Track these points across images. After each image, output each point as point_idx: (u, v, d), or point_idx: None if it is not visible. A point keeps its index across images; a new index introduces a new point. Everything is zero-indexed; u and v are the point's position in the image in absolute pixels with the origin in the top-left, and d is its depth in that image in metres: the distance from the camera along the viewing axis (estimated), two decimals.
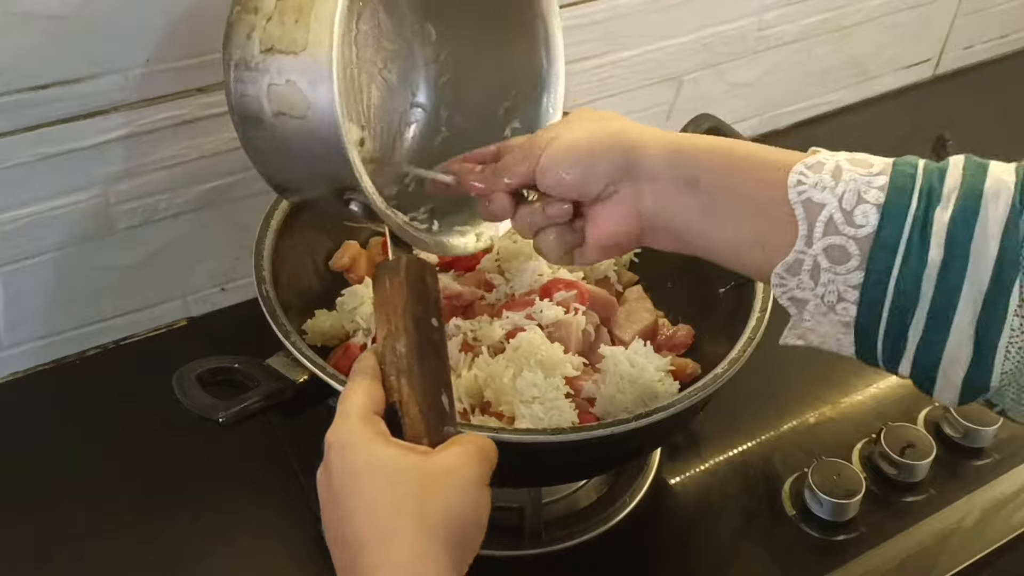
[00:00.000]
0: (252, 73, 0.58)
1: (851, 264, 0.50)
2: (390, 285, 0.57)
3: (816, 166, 0.51)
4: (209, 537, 0.77)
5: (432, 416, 0.54)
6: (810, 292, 0.52)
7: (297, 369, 0.63)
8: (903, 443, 0.82)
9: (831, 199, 0.50)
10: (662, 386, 0.73)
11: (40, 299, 0.86)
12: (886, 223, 0.48)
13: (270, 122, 0.58)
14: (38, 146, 0.78)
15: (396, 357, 0.55)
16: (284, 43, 0.56)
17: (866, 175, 0.50)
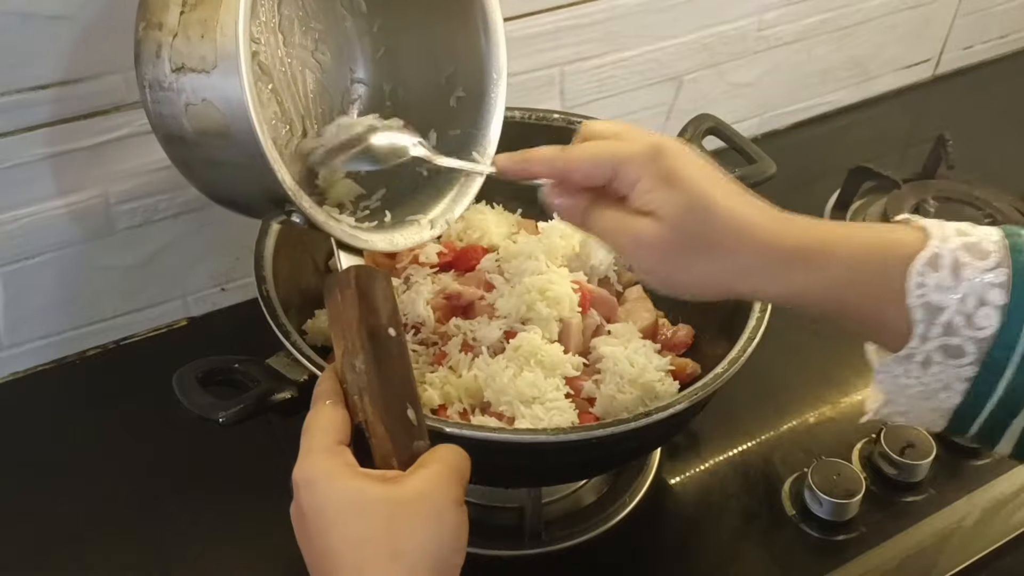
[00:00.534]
0: (167, 93, 0.56)
1: (965, 360, 0.49)
2: (341, 299, 0.55)
3: (933, 262, 0.49)
4: (209, 537, 0.77)
5: (399, 433, 0.53)
6: (915, 380, 0.51)
7: (297, 369, 0.63)
8: (903, 443, 0.82)
9: (951, 302, 0.49)
10: (662, 386, 0.73)
11: (40, 299, 0.86)
12: (1007, 325, 0.48)
13: (193, 140, 0.56)
14: (38, 146, 0.78)
15: (356, 375, 0.54)
16: (194, 61, 0.54)
17: (985, 271, 0.49)
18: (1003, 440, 0.52)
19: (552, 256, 0.82)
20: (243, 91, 0.52)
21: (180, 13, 0.54)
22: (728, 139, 0.89)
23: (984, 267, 0.49)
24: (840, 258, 0.52)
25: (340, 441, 0.52)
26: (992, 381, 0.49)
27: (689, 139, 0.86)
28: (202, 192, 0.63)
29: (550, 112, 0.88)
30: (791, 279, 0.52)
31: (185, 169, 0.60)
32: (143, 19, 0.57)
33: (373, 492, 0.50)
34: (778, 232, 0.52)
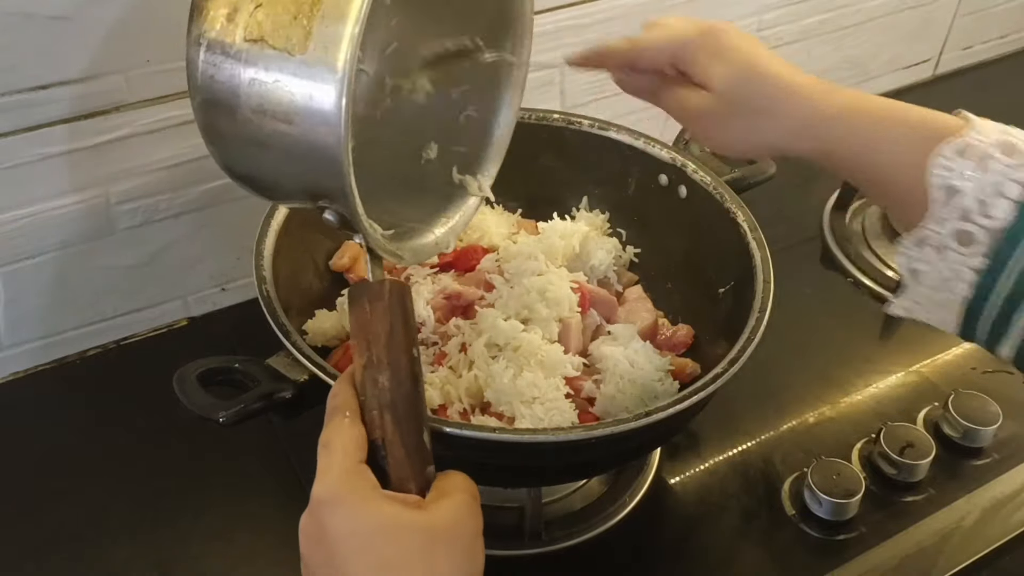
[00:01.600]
0: (230, 61, 0.51)
1: (975, 249, 0.50)
2: (371, 310, 0.54)
3: (962, 149, 0.51)
4: (209, 537, 0.77)
5: (418, 457, 0.52)
6: (930, 267, 0.52)
7: (297, 369, 0.63)
8: (902, 443, 0.82)
9: (969, 187, 0.50)
10: (662, 386, 0.73)
11: (40, 299, 0.86)
12: (1020, 221, 0.49)
13: (244, 116, 0.52)
14: (38, 146, 0.78)
15: (378, 390, 0.52)
16: (277, 39, 0.49)
17: (1009, 167, 0.50)
18: (1006, 341, 0.52)
19: (552, 256, 0.82)
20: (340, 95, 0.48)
21: None
22: None
23: (1010, 163, 0.50)
24: (878, 120, 0.55)
25: (362, 460, 0.51)
26: (997, 274, 0.50)
27: (689, 139, 0.86)
28: (219, 162, 0.58)
29: (550, 112, 0.88)
30: (829, 135, 0.57)
31: (213, 136, 0.55)
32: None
33: (408, 518, 0.48)
34: (823, 92, 0.58)
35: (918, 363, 0.94)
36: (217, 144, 0.56)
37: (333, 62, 0.48)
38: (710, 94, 0.61)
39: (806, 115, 0.58)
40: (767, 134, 0.60)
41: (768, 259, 0.74)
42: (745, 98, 0.60)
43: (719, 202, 0.79)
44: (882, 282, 1.02)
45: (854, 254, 1.06)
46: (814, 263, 1.07)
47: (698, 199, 0.81)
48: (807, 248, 1.09)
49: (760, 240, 0.75)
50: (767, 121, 0.59)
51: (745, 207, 0.78)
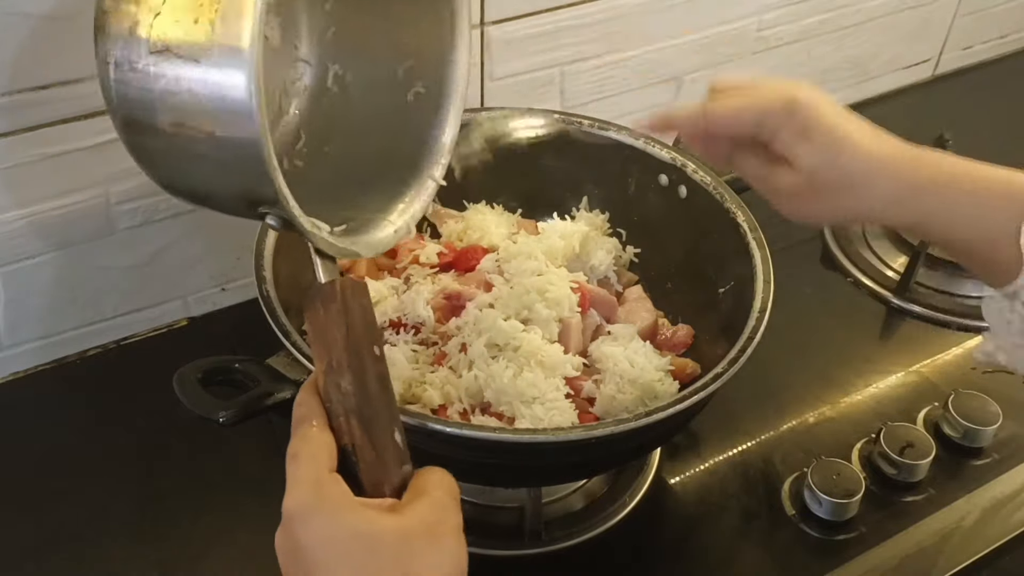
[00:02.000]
0: (139, 76, 0.49)
1: None
2: (325, 313, 0.52)
3: None
4: (209, 537, 0.77)
5: (389, 458, 0.51)
6: (1018, 316, 0.55)
7: (297, 369, 0.63)
8: (902, 443, 0.82)
9: None
10: (662, 386, 0.73)
11: (40, 299, 0.86)
12: None
13: (164, 131, 0.50)
14: (38, 146, 0.78)
15: (342, 395, 0.51)
16: (183, 48, 0.47)
17: None
18: None
19: (552, 256, 0.82)
20: (249, 90, 0.46)
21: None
22: None
23: None
24: (968, 192, 0.57)
25: (331, 468, 0.50)
26: None
27: None
28: (157, 182, 0.56)
29: (550, 112, 0.88)
30: (919, 208, 0.58)
31: (138, 155, 0.53)
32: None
33: (381, 524, 0.47)
34: (911, 163, 0.59)
35: (918, 363, 0.94)
36: (146, 163, 0.54)
37: (237, 54, 0.46)
38: (797, 173, 0.60)
39: (896, 189, 0.58)
40: (857, 209, 0.61)
41: (768, 259, 0.74)
42: (834, 179, 0.59)
43: (719, 202, 0.79)
44: (882, 282, 1.03)
45: (854, 254, 1.06)
46: (814, 263, 1.07)
47: (698, 199, 0.81)
48: (807, 248, 1.09)
49: (760, 240, 0.75)
50: (857, 199, 0.59)
51: (745, 207, 0.78)
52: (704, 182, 0.81)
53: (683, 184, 0.83)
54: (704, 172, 0.81)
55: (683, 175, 0.82)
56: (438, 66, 0.67)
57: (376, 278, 0.81)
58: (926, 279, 1.02)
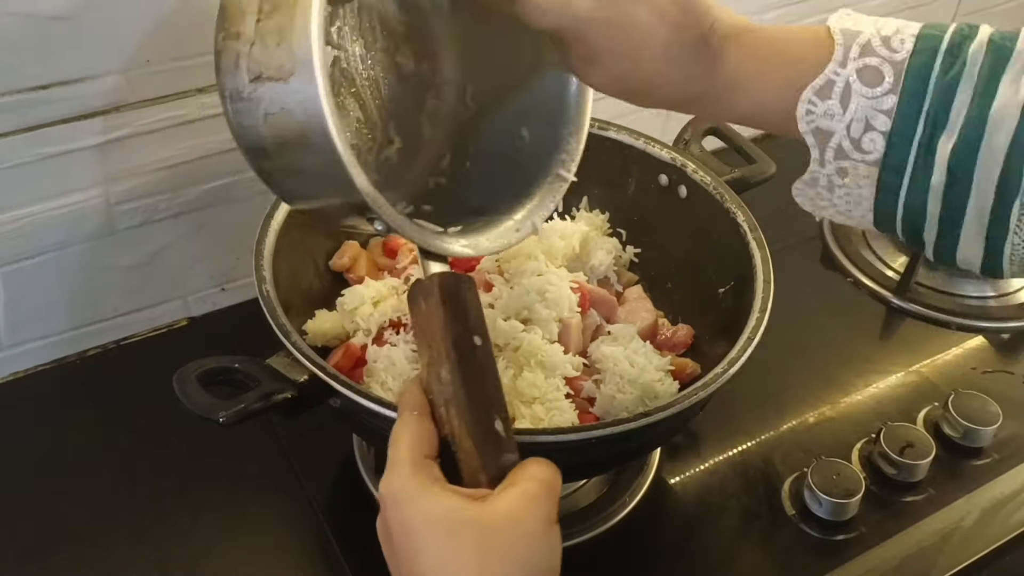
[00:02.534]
0: (247, 104, 0.54)
1: (861, 183, 0.52)
2: (426, 307, 0.54)
3: (825, 89, 0.52)
4: (209, 537, 0.77)
5: (487, 447, 0.51)
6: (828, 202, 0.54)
7: (297, 369, 0.63)
8: (902, 443, 0.82)
9: (839, 127, 0.51)
10: (662, 386, 0.73)
11: (40, 299, 0.86)
12: (891, 151, 0.51)
13: (274, 151, 0.55)
14: (38, 146, 0.78)
15: (442, 385, 0.52)
16: (271, 69, 0.52)
17: (874, 98, 0.51)
18: (925, 249, 0.54)
19: (552, 256, 0.82)
20: (319, 97, 0.50)
21: (256, 21, 0.52)
22: (728, 139, 0.89)
23: (872, 94, 0.51)
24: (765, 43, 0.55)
25: (427, 455, 0.51)
26: (891, 202, 0.52)
27: (689, 139, 0.86)
28: (285, 201, 0.62)
29: None
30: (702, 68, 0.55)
31: (267, 178, 0.58)
32: (222, 29, 0.55)
33: (464, 512, 0.48)
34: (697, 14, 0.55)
35: (918, 363, 0.94)
36: (271, 184, 0.59)
37: (308, 71, 0.50)
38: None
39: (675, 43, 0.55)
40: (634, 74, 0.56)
41: (768, 259, 0.74)
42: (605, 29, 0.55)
43: (719, 202, 0.79)
44: (882, 282, 1.03)
45: (854, 254, 1.06)
46: (814, 263, 1.07)
47: (698, 199, 0.81)
48: (807, 248, 1.09)
49: (760, 240, 0.75)
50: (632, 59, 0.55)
51: (745, 207, 0.78)
52: (704, 182, 0.81)
53: (683, 184, 0.83)
54: (704, 172, 0.81)
55: (683, 175, 0.82)
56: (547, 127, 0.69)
57: (376, 278, 0.81)
58: (926, 279, 1.02)
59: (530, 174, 0.70)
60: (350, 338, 0.77)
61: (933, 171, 0.50)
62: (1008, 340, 0.98)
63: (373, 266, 0.83)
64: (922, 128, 0.50)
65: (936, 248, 0.53)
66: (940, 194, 0.50)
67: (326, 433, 0.83)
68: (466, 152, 0.72)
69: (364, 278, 0.81)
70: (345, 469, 0.82)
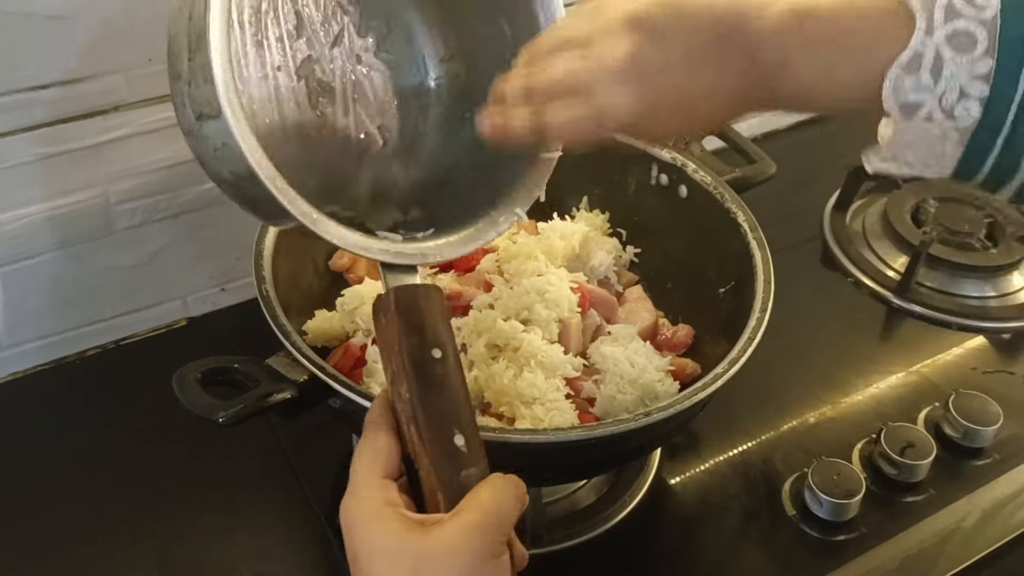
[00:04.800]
0: (198, 140, 0.54)
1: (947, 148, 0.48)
2: (385, 322, 0.54)
3: (914, 63, 0.47)
4: (209, 537, 0.77)
5: (444, 465, 0.51)
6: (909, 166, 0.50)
7: (297, 369, 0.63)
8: (903, 443, 0.82)
9: (929, 99, 0.47)
10: (662, 386, 0.73)
11: (40, 299, 0.86)
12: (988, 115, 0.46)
13: (232, 182, 0.55)
14: (38, 146, 0.78)
15: (403, 403, 0.52)
16: (206, 107, 0.52)
17: (969, 63, 0.46)
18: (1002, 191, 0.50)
19: (552, 257, 0.82)
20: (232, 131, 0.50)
21: (188, 60, 0.53)
22: (728, 139, 0.89)
23: (966, 59, 0.46)
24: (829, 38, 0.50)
25: (386, 475, 0.51)
26: (978, 160, 0.48)
27: (689, 139, 0.86)
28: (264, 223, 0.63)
29: None
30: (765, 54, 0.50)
31: (242, 206, 0.59)
32: (170, 69, 0.55)
33: (405, 543, 0.47)
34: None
35: (918, 363, 0.94)
36: (247, 211, 0.59)
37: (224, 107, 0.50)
38: None
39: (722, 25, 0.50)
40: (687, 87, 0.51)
41: (768, 259, 0.74)
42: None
43: (719, 202, 0.79)
44: (882, 282, 1.02)
45: (854, 254, 1.06)
46: (814, 263, 1.07)
47: (698, 199, 0.81)
48: (807, 248, 1.09)
49: (760, 240, 0.75)
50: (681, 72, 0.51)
51: (745, 207, 0.78)
52: (704, 182, 0.81)
53: (683, 184, 0.83)
54: (704, 172, 0.81)
55: (683, 175, 0.82)
56: None
57: (376, 278, 0.81)
58: (926, 279, 1.02)
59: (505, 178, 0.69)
60: (350, 338, 0.77)
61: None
62: (1009, 340, 0.98)
63: (373, 266, 0.83)
64: (1022, 88, 0.46)
65: (1020, 191, 0.49)
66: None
67: (326, 433, 0.83)
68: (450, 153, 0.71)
69: (364, 278, 0.81)
70: (345, 469, 0.80)
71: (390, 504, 0.49)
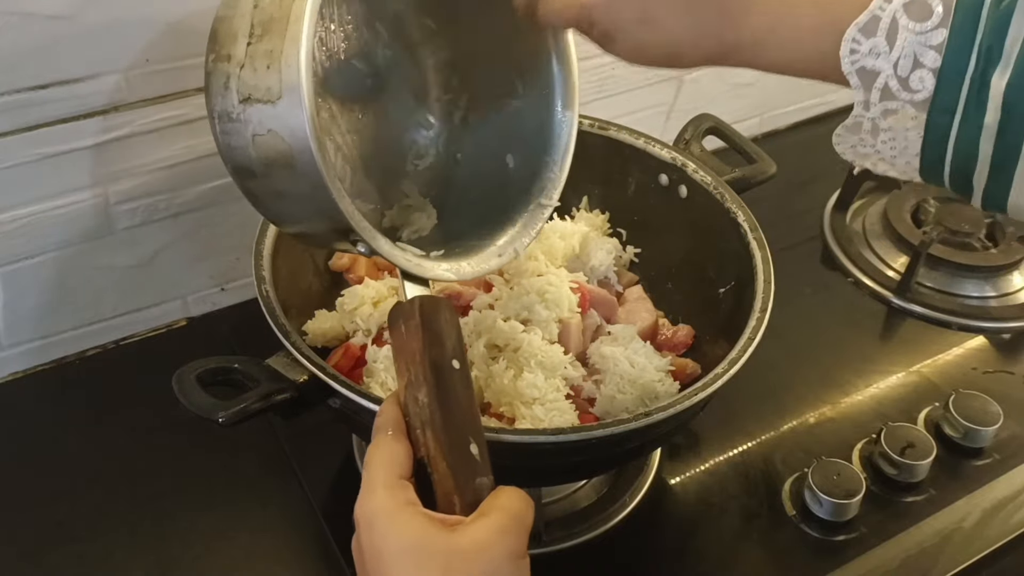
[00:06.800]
0: (235, 124, 0.55)
1: (909, 125, 0.49)
2: (405, 330, 0.55)
3: (870, 26, 0.49)
4: (209, 537, 0.77)
5: (461, 470, 0.52)
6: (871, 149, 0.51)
7: (297, 369, 0.63)
8: (903, 443, 0.82)
9: (886, 66, 0.48)
10: (662, 386, 0.73)
11: (40, 299, 0.86)
12: (941, 89, 0.47)
13: (261, 172, 0.56)
14: (38, 146, 0.78)
15: (419, 408, 0.53)
16: (260, 92, 0.53)
17: (923, 32, 0.48)
18: (972, 198, 0.50)
19: (552, 257, 0.82)
20: (305, 120, 0.52)
21: (247, 44, 0.54)
22: (728, 139, 0.89)
23: (921, 28, 0.48)
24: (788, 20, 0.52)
25: (402, 476, 0.51)
26: (940, 145, 0.49)
27: (689, 139, 0.86)
28: (271, 222, 0.63)
29: None
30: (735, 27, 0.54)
31: (254, 200, 0.60)
32: (212, 51, 0.56)
33: (434, 539, 0.47)
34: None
35: (918, 363, 0.94)
36: (258, 206, 0.60)
37: (296, 95, 0.52)
38: None
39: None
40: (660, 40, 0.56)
41: (768, 259, 0.74)
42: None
43: (719, 202, 0.79)
44: (882, 282, 1.02)
45: (854, 254, 1.06)
46: (814, 263, 1.07)
47: (698, 199, 0.81)
48: (807, 248, 1.09)
49: (760, 240, 0.75)
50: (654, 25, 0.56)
51: (745, 207, 0.78)
52: (704, 182, 0.81)
53: (683, 184, 0.83)
54: (704, 172, 0.81)
55: (683, 175, 0.82)
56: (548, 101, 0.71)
57: (376, 278, 0.81)
58: (926, 279, 1.02)
59: (513, 201, 0.71)
60: (350, 338, 0.77)
61: (987, 109, 0.46)
62: (1009, 340, 0.98)
63: (373, 266, 0.83)
64: (975, 63, 0.47)
65: (986, 194, 0.49)
66: (993, 134, 0.47)
67: (326, 433, 0.83)
68: (453, 177, 0.73)
69: (364, 278, 0.81)
70: (345, 469, 0.82)
71: (411, 503, 0.49)
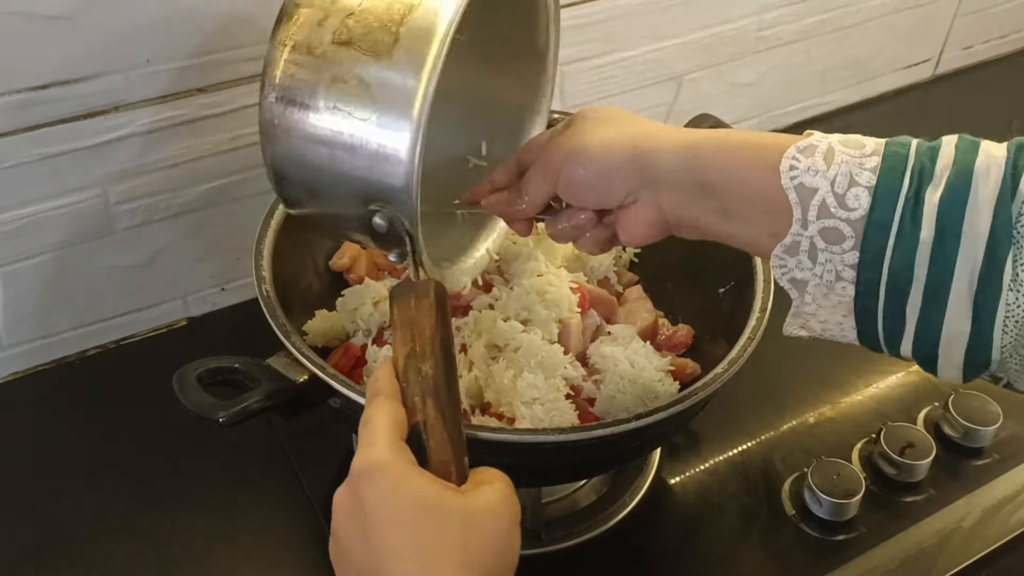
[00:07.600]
0: (314, 59, 0.55)
1: (846, 244, 0.50)
2: (416, 305, 0.55)
3: (808, 149, 0.51)
4: (209, 537, 0.77)
5: (458, 443, 0.53)
6: (809, 272, 0.52)
7: (297, 369, 0.63)
8: (903, 443, 0.82)
9: (823, 183, 0.50)
10: (662, 386, 0.73)
11: (40, 299, 0.86)
12: (878, 205, 0.49)
13: (318, 111, 0.55)
14: (38, 146, 0.78)
15: (422, 378, 0.53)
16: (366, 43, 0.53)
17: (858, 156, 0.50)
18: (904, 339, 0.52)
19: (551, 257, 0.82)
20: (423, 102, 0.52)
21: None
22: None
23: (855, 152, 0.50)
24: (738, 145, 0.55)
25: (402, 438, 0.52)
26: (876, 266, 0.49)
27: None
28: (272, 164, 0.60)
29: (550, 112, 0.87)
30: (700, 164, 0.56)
31: (278, 133, 0.58)
32: (297, 39, 0.56)
33: (448, 499, 0.48)
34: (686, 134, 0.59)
35: None
36: (279, 142, 0.58)
37: (419, 68, 0.52)
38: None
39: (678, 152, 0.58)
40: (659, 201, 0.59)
41: None
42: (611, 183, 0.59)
43: None
44: None
45: None
46: None
47: None
48: None
49: None
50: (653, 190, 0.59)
51: None
52: None
53: None
54: None
55: None
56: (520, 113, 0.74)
57: (376, 278, 0.81)
58: None
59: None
60: (350, 338, 0.77)
61: (922, 225, 0.48)
62: None
63: (373, 266, 0.83)
64: (908, 182, 0.49)
65: (919, 328, 0.50)
66: (928, 252, 0.48)
67: (326, 433, 0.83)
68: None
69: (364, 278, 0.81)
70: (345, 469, 0.81)
71: (415, 464, 0.50)
